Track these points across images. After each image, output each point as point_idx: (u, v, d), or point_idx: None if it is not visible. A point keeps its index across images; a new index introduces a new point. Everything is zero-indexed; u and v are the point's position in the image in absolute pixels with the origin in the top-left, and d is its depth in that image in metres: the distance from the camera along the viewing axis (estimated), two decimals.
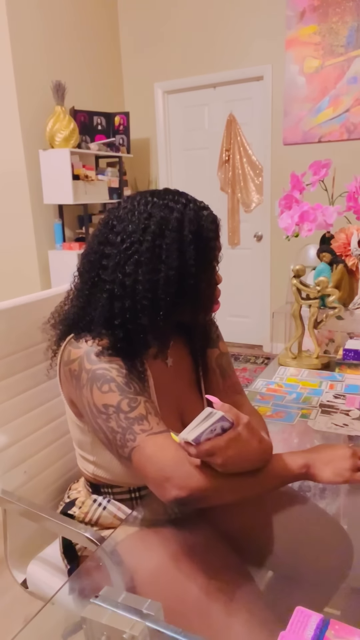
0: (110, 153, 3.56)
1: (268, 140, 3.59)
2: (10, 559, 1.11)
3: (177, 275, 0.81)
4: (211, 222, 0.85)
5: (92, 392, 0.80)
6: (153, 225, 0.81)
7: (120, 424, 0.78)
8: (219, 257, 0.89)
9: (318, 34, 3.24)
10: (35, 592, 1.07)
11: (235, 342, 4.19)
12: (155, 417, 0.79)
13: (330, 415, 1.14)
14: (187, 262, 0.81)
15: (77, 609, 0.68)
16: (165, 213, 0.82)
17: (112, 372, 0.80)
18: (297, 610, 0.57)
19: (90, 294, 0.86)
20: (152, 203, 0.83)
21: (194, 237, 0.82)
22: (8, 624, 1.50)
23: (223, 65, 3.61)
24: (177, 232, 0.81)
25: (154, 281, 0.81)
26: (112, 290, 0.82)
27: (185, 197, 0.86)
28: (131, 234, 0.82)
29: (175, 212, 0.82)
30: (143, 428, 0.77)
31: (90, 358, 0.82)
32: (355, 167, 2.87)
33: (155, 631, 0.52)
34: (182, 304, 0.85)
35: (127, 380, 0.80)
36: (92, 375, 0.81)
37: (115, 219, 0.85)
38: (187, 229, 0.82)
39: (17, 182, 3.20)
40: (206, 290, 0.89)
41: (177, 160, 4.07)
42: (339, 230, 1.76)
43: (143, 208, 0.83)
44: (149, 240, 0.81)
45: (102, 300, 0.83)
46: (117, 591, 0.56)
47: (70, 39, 3.43)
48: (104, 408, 0.79)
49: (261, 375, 1.41)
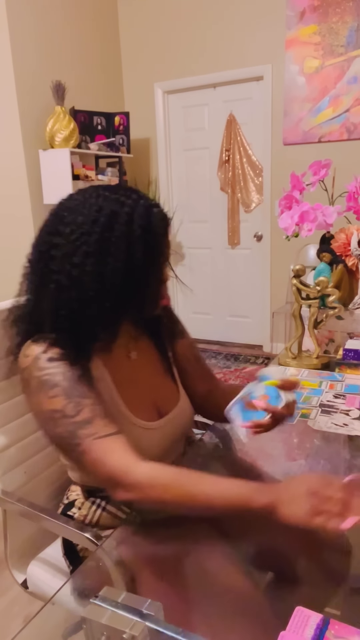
0: (110, 153, 3.56)
1: (268, 140, 3.59)
2: (11, 560, 1.11)
3: (124, 268, 0.82)
4: (161, 219, 0.86)
5: (40, 398, 0.81)
6: (103, 218, 0.82)
7: (67, 428, 0.79)
8: (168, 253, 0.90)
9: (318, 34, 3.24)
10: (36, 592, 1.07)
11: (235, 342, 4.19)
12: (101, 420, 0.79)
13: (330, 415, 1.14)
14: (134, 256, 0.82)
15: (77, 609, 0.68)
16: (116, 207, 0.83)
17: (57, 377, 0.81)
18: (297, 610, 0.57)
19: (40, 284, 0.86)
20: (104, 196, 0.84)
21: (143, 232, 0.83)
22: (8, 624, 1.50)
23: (223, 65, 3.61)
24: (126, 226, 0.82)
25: (101, 273, 0.81)
26: (59, 281, 0.83)
27: (137, 193, 0.87)
28: (81, 225, 0.82)
29: (126, 207, 0.83)
30: (88, 432, 0.78)
31: (37, 365, 0.82)
32: (355, 167, 2.87)
33: (155, 631, 0.52)
34: (129, 297, 0.85)
35: (72, 384, 0.81)
36: (39, 381, 0.81)
37: (65, 210, 0.85)
38: (136, 223, 0.82)
39: (17, 182, 3.20)
40: (153, 286, 0.90)
41: (177, 160, 4.07)
42: (339, 230, 1.76)
43: (94, 201, 0.83)
44: (98, 232, 0.81)
45: (51, 291, 0.84)
46: (117, 591, 0.56)
47: (70, 39, 3.43)
48: (50, 413, 0.80)
49: None
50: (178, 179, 4.11)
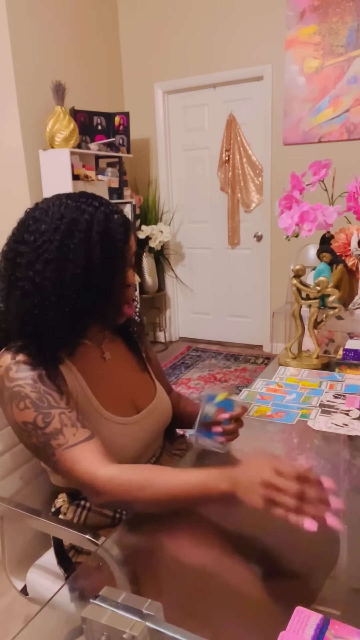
0: (110, 153, 3.56)
1: (268, 140, 3.59)
2: (9, 567, 1.10)
3: (83, 274, 0.84)
4: (120, 224, 0.89)
5: (12, 410, 0.84)
6: (63, 225, 0.85)
7: (39, 439, 0.82)
8: (130, 258, 0.93)
9: (318, 34, 3.24)
10: (36, 598, 1.06)
11: (235, 342, 4.19)
12: (71, 429, 0.82)
13: (330, 415, 1.14)
14: (93, 262, 0.85)
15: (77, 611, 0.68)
16: (76, 214, 0.86)
17: (26, 389, 0.83)
18: (297, 610, 0.57)
19: (8, 291, 0.88)
20: (66, 204, 0.87)
21: (101, 238, 0.85)
22: (8, 625, 1.50)
23: (223, 65, 3.61)
24: (85, 232, 0.85)
25: (61, 279, 0.84)
26: (24, 287, 0.85)
27: (99, 200, 0.90)
28: (43, 233, 0.85)
29: (86, 214, 0.86)
30: (59, 442, 0.81)
31: (8, 375, 0.84)
32: (355, 167, 2.87)
33: (155, 631, 0.52)
34: (90, 302, 0.88)
35: (40, 394, 0.83)
36: (10, 393, 0.84)
37: (30, 219, 0.89)
38: (94, 230, 0.85)
39: (17, 182, 3.19)
40: (117, 290, 0.92)
41: (177, 160, 4.07)
42: (339, 230, 1.76)
43: (57, 209, 0.87)
44: (58, 239, 0.84)
45: (16, 297, 0.86)
46: (117, 591, 0.56)
47: (70, 39, 3.43)
48: (23, 425, 0.83)
49: (261, 375, 1.40)
50: (178, 179, 4.11)
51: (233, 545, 0.83)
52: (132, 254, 0.94)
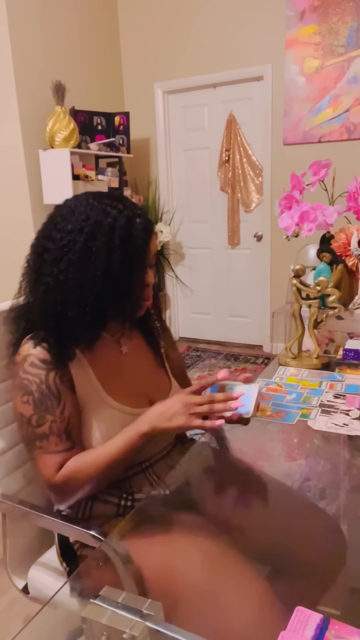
0: (110, 153, 3.56)
1: (268, 140, 3.59)
2: (10, 565, 1.10)
3: (103, 275, 0.88)
4: (142, 229, 0.91)
5: (17, 398, 0.91)
6: (87, 227, 0.88)
7: (27, 434, 0.90)
8: (151, 260, 0.96)
9: (318, 34, 3.24)
10: (37, 597, 1.06)
11: (235, 342, 4.19)
12: (56, 438, 0.90)
13: (330, 415, 1.14)
14: (113, 264, 0.88)
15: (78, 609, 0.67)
16: (100, 217, 0.89)
17: (32, 386, 0.89)
18: (297, 610, 0.57)
19: (34, 285, 0.93)
20: (92, 206, 0.90)
21: (122, 243, 0.89)
22: (8, 624, 1.50)
23: (223, 65, 3.61)
24: (107, 236, 0.88)
25: (82, 280, 0.88)
26: (48, 283, 0.90)
27: (123, 203, 0.92)
28: (69, 232, 0.89)
29: (110, 217, 0.89)
30: (41, 445, 0.89)
31: (23, 366, 0.90)
32: (355, 167, 2.87)
33: (155, 631, 0.52)
34: (108, 301, 0.91)
35: (42, 396, 0.89)
36: (20, 382, 0.90)
37: (59, 217, 0.92)
38: (116, 234, 0.88)
39: (17, 182, 3.19)
40: (135, 291, 0.95)
41: (177, 160, 4.07)
42: (339, 230, 1.75)
43: (82, 209, 0.90)
44: (82, 241, 0.88)
45: (41, 292, 0.91)
46: (117, 591, 0.56)
47: (70, 39, 3.43)
48: (20, 416, 0.91)
49: (261, 375, 1.40)
50: (178, 179, 4.11)
51: (235, 545, 0.83)
52: (153, 255, 0.97)
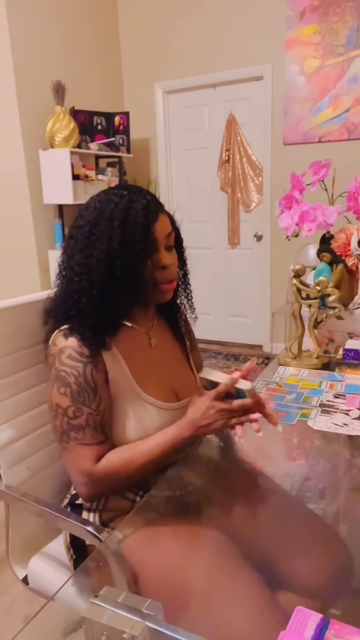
0: (110, 153, 3.56)
1: (268, 140, 3.59)
2: (12, 555, 1.11)
3: (106, 258, 0.90)
4: (142, 208, 0.92)
5: (53, 388, 0.92)
6: (93, 217, 0.93)
7: (62, 425, 0.91)
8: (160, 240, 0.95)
9: (318, 34, 3.24)
10: (37, 588, 1.07)
11: (235, 342, 4.19)
12: (91, 430, 0.91)
13: (330, 415, 1.14)
14: (113, 245, 0.90)
15: (77, 606, 0.68)
16: (104, 206, 0.93)
17: (70, 378, 0.90)
18: (297, 610, 0.57)
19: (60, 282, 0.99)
20: (100, 198, 0.95)
21: (121, 223, 0.90)
22: (8, 624, 1.50)
23: (223, 65, 3.61)
24: (108, 220, 0.91)
25: (89, 265, 0.92)
26: (67, 276, 0.96)
27: (129, 189, 0.95)
28: (81, 227, 0.94)
29: (112, 204, 0.92)
30: (77, 437, 0.91)
31: (60, 358, 0.91)
32: (355, 167, 2.87)
33: (155, 631, 0.52)
34: (117, 284, 0.92)
35: (80, 389, 0.90)
36: (57, 373, 0.91)
37: (78, 216, 0.97)
38: (116, 217, 0.91)
39: (17, 182, 3.20)
40: (147, 272, 0.95)
41: (177, 160, 4.07)
42: (339, 230, 1.76)
43: (92, 203, 0.95)
44: (87, 230, 0.92)
45: (63, 286, 0.97)
46: (117, 591, 0.56)
47: (70, 39, 3.43)
48: (56, 406, 0.92)
49: (261, 375, 1.40)
50: (178, 179, 4.11)
51: (235, 546, 0.83)
52: (164, 235, 0.96)
